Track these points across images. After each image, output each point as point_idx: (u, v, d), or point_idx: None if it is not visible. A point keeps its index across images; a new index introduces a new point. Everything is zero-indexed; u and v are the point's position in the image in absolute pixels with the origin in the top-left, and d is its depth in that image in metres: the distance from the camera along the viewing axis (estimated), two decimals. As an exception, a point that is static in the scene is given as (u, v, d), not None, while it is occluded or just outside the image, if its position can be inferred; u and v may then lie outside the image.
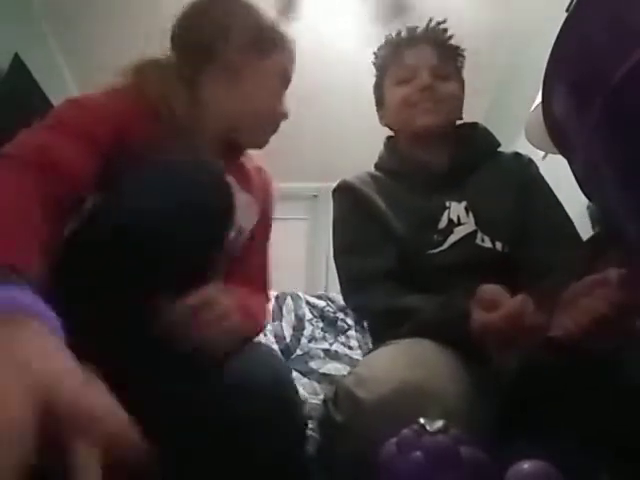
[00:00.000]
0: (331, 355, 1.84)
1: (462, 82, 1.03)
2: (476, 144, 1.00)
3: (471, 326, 0.65)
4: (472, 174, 0.96)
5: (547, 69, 0.45)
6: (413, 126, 0.97)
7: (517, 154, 1.02)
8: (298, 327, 1.89)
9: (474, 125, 1.04)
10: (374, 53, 1.08)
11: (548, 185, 0.97)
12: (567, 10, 1.04)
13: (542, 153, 1.96)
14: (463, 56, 1.04)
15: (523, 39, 2.60)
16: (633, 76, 0.34)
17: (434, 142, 0.97)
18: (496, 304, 0.63)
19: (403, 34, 1.02)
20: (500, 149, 1.03)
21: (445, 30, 1.02)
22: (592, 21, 0.40)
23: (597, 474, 0.48)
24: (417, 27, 1.02)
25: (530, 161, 1.01)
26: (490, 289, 0.66)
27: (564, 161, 0.49)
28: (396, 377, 0.58)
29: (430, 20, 1.02)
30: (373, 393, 0.57)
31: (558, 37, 0.43)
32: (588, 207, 1.62)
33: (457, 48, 1.03)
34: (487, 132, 1.04)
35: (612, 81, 0.35)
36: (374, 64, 1.07)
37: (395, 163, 1.02)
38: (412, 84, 0.96)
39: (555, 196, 0.95)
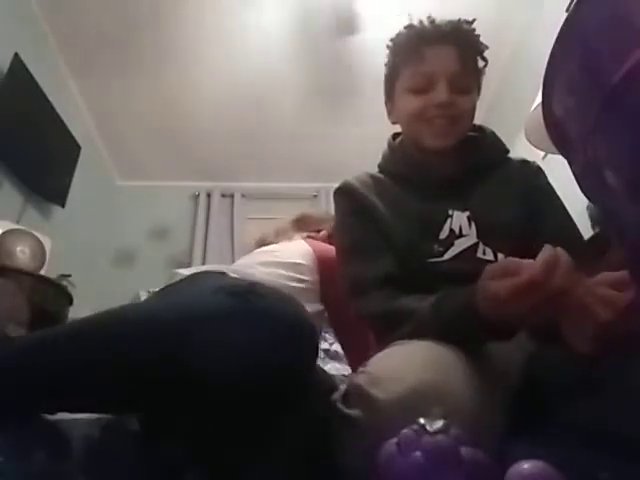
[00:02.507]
0: (331, 355, 1.84)
1: (480, 89, 0.97)
2: (484, 151, 0.98)
3: (479, 300, 0.62)
4: (478, 181, 0.94)
5: (547, 69, 0.45)
6: (423, 143, 0.93)
7: (525, 161, 1.00)
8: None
9: (482, 129, 1.01)
10: (391, 40, 0.98)
11: (556, 194, 0.95)
12: (567, 10, 1.03)
13: (542, 153, 1.96)
14: (487, 60, 0.96)
15: (523, 39, 2.61)
16: (633, 76, 0.34)
17: (444, 151, 0.94)
18: (512, 272, 0.58)
19: (427, 27, 0.92)
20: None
21: (473, 30, 0.94)
22: (592, 21, 0.40)
23: (597, 474, 0.48)
24: (443, 22, 0.92)
25: (539, 169, 0.99)
26: (501, 261, 0.62)
27: (564, 161, 0.49)
28: (412, 377, 0.58)
29: (458, 19, 0.93)
30: (390, 392, 0.57)
31: (558, 37, 0.43)
32: (588, 207, 1.62)
33: (482, 52, 0.95)
34: (495, 137, 1.02)
35: (612, 81, 0.35)
36: (389, 49, 0.99)
37: (398, 165, 0.99)
38: (428, 97, 0.89)
39: (563, 205, 0.93)
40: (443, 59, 0.90)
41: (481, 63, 0.96)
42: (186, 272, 0.98)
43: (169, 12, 2.57)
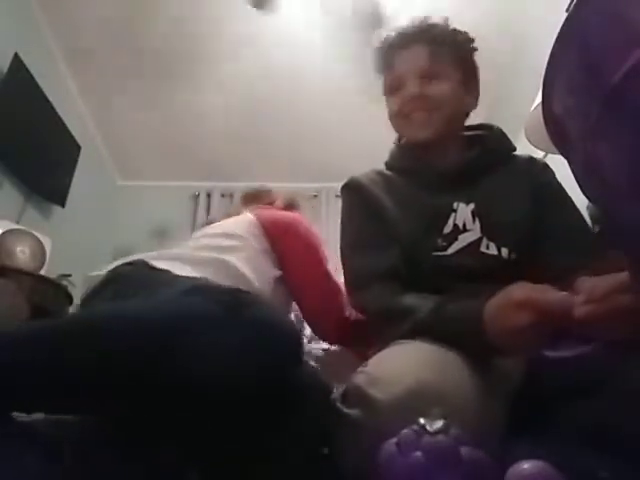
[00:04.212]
0: (331, 355, 1.83)
1: (460, 74, 0.97)
2: (490, 146, 0.99)
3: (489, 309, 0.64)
4: (484, 176, 0.95)
5: (547, 69, 0.45)
6: (409, 138, 0.98)
7: (532, 158, 1.01)
8: (298, 327, 1.89)
9: (490, 127, 1.03)
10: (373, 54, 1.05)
11: (565, 190, 0.95)
12: (567, 10, 1.03)
13: (542, 153, 1.96)
14: (464, 45, 0.98)
15: (523, 38, 2.61)
16: (633, 76, 0.34)
17: (442, 144, 0.96)
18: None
19: (396, 34, 0.99)
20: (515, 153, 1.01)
21: (436, 24, 0.97)
22: (592, 21, 0.40)
23: (597, 474, 0.48)
24: (409, 26, 0.98)
25: (545, 166, 0.99)
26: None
27: (564, 161, 0.49)
28: (411, 377, 0.58)
29: (424, 18, 0.98)
30: (388, 393, 0.57)
31: (558, 37, 0.43)
32: (588, 207, 1.61)
33: (454, 39, 0.97)
34: (503, 135, 1.02)
35: (612, 81, 0.35)
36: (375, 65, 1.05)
37: (406, 161, 1.01)
38: (402, 94, 0.95)
39: (572, 201, 0.93)
40: (410, 60, 0.95)
41: (459, 51, 0.97)
42: (102, 272, 0.97)
43: (170, 12, 2.57)
